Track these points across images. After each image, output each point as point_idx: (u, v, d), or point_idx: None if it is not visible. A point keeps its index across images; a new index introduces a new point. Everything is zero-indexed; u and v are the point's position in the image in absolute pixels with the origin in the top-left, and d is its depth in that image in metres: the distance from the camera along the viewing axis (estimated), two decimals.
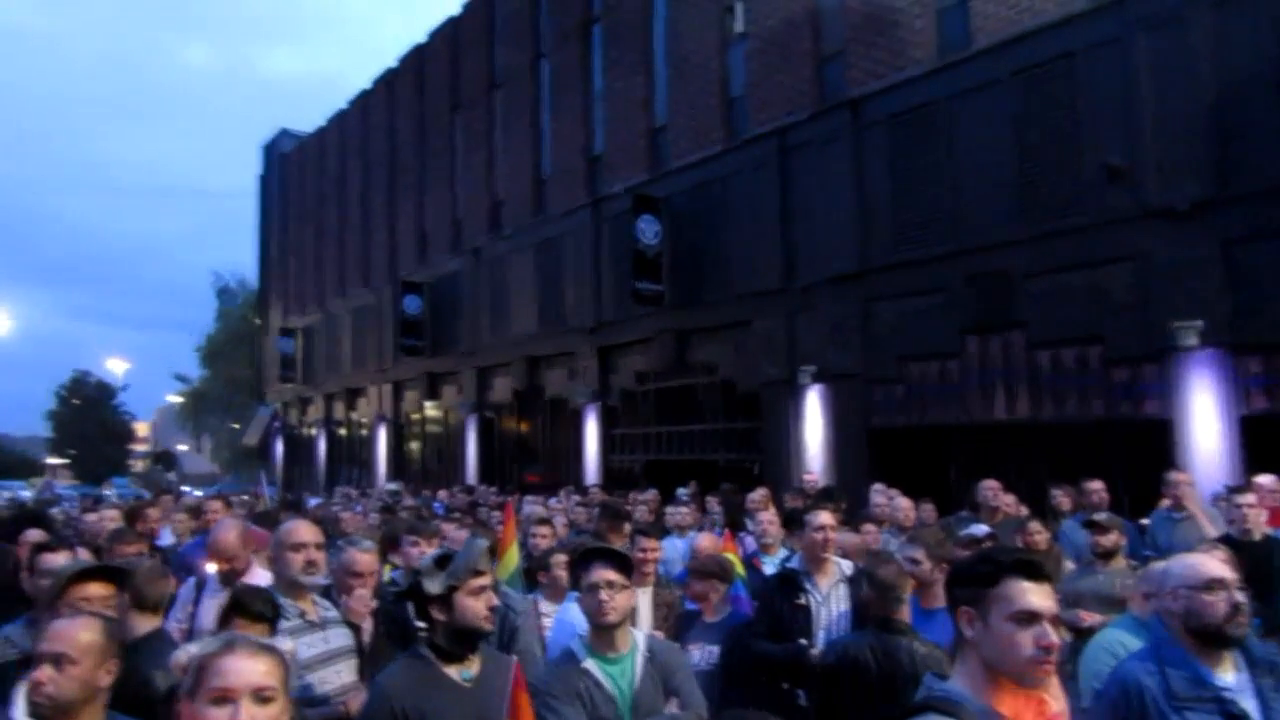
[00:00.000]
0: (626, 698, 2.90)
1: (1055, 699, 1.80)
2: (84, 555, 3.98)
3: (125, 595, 3.18)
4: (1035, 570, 1.85)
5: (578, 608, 3.22)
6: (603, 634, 2.98)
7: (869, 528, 6.13)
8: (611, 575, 2.98)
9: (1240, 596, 2.57)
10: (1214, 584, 2.57)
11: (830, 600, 4.14)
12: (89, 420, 53.01)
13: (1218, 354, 8.30)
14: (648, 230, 13.88)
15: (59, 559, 3.52)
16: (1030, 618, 1.77)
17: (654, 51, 15.18)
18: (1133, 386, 8.98)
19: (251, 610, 2.97)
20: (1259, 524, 5.28)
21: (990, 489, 7.12)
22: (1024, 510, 7.44)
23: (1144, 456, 8.42)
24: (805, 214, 12.07)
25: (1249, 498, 5.27)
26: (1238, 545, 5.17)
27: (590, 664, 2.94)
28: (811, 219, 11.97)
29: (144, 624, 3.20)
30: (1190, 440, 8.33)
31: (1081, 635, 4.18)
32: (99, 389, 55.15)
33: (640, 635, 3.12)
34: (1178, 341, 8.35)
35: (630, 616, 4.33)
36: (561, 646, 3.23)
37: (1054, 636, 1.78)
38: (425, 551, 4.73)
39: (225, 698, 1.74)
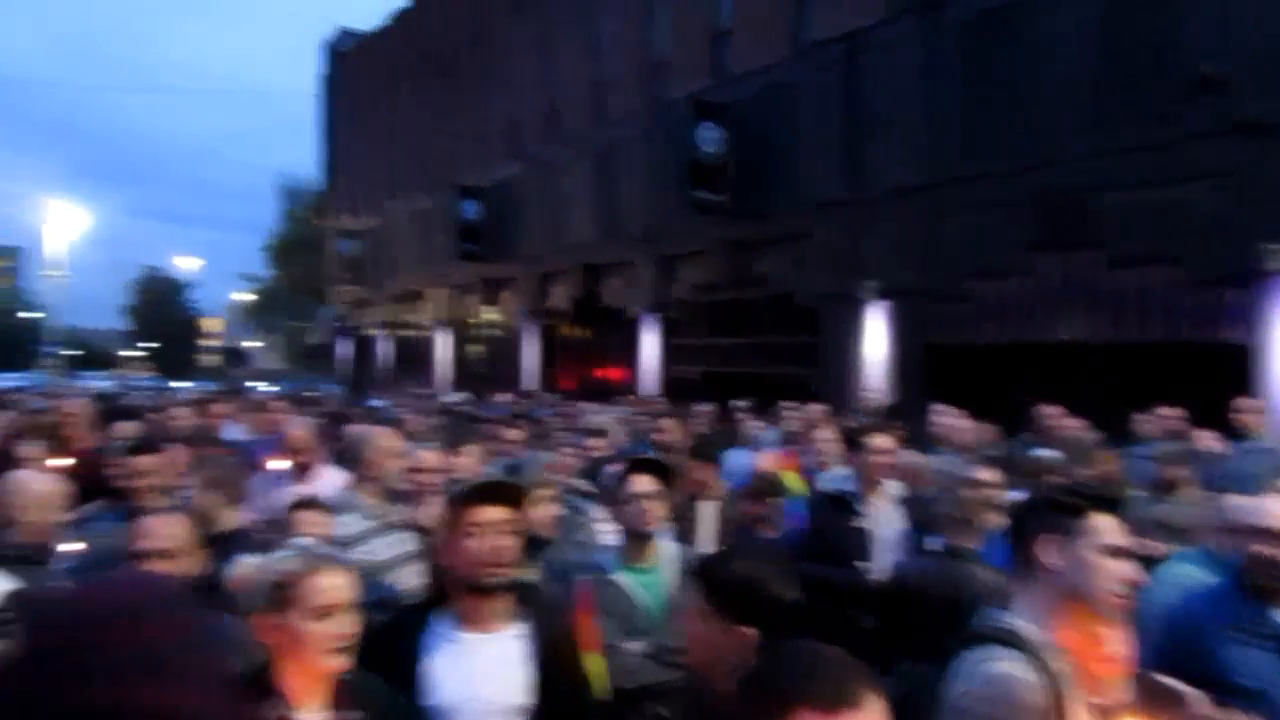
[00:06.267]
0: (658, 608, 2.92)
1: (1120, 642, 1.81)
2: (180, 452, 4.16)
3: (214, 490, 3.33)
4: (1120, 508, 1.91)
5: None
6: (636, 544, 3.01)
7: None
8: (652, 485, 3.02)
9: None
10: (1261, 533, 2.54)
11: (885, 523, 4.14)
12: (162, 315, 54.75)
13: None
14: (708, 138, 13.57)
15: (153, 461, 3.66)
16: (1119, 551, 1.82)
17: None
18: (1212, 310, 8.67)
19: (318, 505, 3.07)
20: None
21: (1050, 414, 6.98)
22: (1091, 435, 7.31)
23: (1220, 382, 8.18)
24: (872, 122, 11.67)
25: None
26: None
27: (621, 576, 2.97)
28: (878, 128, 11.58)
29: (230, 519, 3.36)
30: (1273, 367, 8.07)
31: (1146, 565, 4.14)
32: (170, 285, 56.76)
33: (672, 546, 3.14)
34: (1264, 264, 8.00)
35: (692, 530, 4.41)
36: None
37: (1137, 573, 1.84)
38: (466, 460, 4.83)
39: (329, 613, 1.88)
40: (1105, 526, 1.84)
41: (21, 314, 56.89)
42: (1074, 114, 9.49)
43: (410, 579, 3.29)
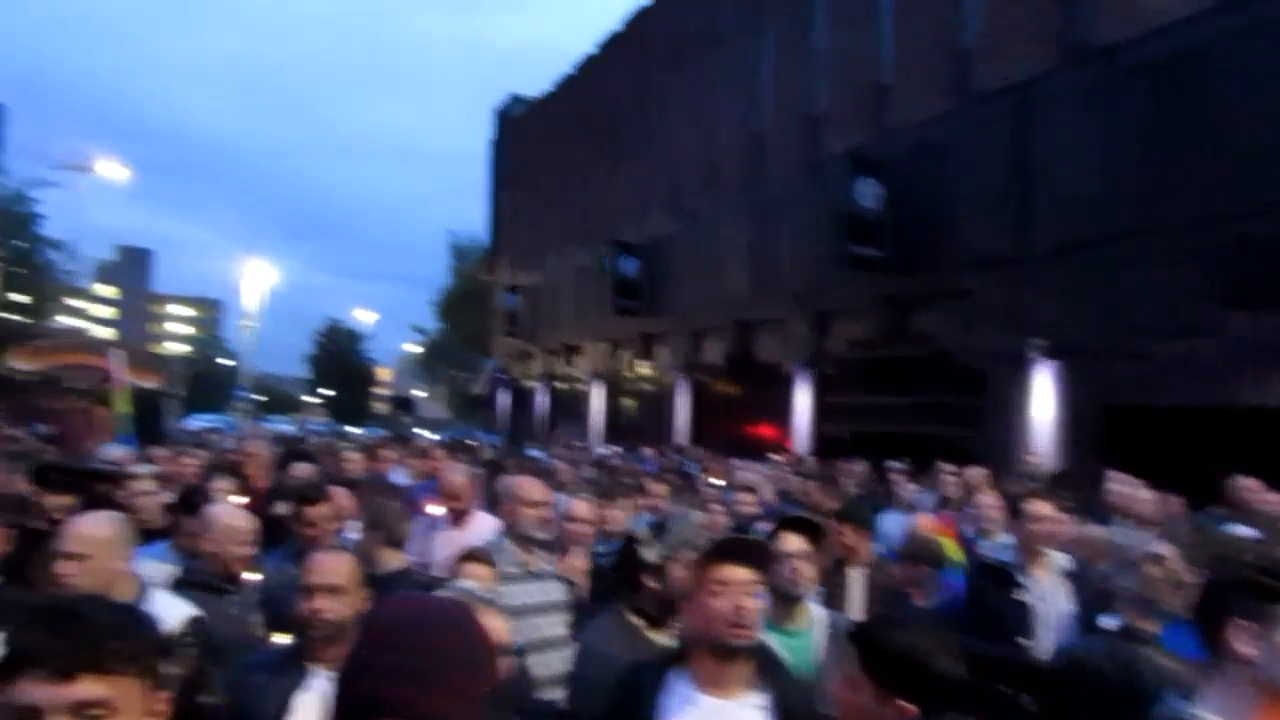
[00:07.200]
0: (806, 673, 2.82)
1: None
2: (342, 498, 4.40)
3: (378, 531, 3.51)
4: None
5: None
6: (784, 606, 2.91)
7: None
8: (802, 545, 2.94)
9: None
10: None
11: (1048, 597, 3.86)
12: (340, 364, 58.61)
13: None
14: (866, 193, 13.40)
15: (320, 509, 3.88)
16: None
17: (880, 2, 14.51)
18: None
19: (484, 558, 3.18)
20: None
21: (1246, 487, 6.34)
22: None
23: None
24: (1041, 174, 11.21)
25: None
26: None
27: (768, 637, 2.84)
28: (1048, 180, 11.10)
29: (392, 560, 3.52)
30: None
31: None
32: (349, 336, 60.77)
33: (821, 610, 3.04)
34: None
35: (840, 595, 4.27)
36: None
37: None
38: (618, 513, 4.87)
39: None
40: None
41: (220, 360, 62.44)
42: (1270, 159, 8.79)
43: (551, 628, 3.34)
